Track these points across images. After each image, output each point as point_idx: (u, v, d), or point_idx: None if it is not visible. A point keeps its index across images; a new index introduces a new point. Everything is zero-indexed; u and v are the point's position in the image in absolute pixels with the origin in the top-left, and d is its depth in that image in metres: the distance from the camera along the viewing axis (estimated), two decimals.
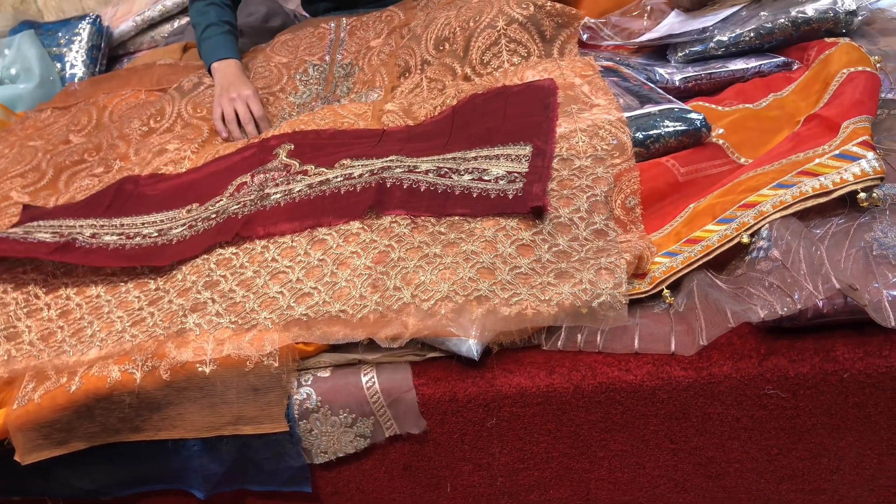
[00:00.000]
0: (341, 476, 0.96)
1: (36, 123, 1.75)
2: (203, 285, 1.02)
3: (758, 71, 1.31)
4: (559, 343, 0.88)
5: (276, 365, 0.90)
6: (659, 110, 1.13)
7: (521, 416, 0.90)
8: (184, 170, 1.39)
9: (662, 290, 0.90)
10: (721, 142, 1.11)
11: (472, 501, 0.97)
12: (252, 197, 1.15)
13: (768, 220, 0.88)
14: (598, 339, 0.87)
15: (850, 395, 0.82)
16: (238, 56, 1.62)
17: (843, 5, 1.24)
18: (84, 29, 2.08)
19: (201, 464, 0.95)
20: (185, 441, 0.94)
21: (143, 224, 1.22)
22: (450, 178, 1.06)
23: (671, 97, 1.20)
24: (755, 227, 0.89)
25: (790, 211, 0.87)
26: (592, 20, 1.49)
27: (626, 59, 1.40)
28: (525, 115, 1.17)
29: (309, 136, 1.30)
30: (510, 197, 1.01)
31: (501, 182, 1.04)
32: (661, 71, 1.32)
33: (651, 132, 1.10)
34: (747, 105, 1.21)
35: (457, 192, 1.03)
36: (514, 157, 1.09)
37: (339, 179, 1.13)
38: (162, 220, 1.22)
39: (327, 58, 1.64)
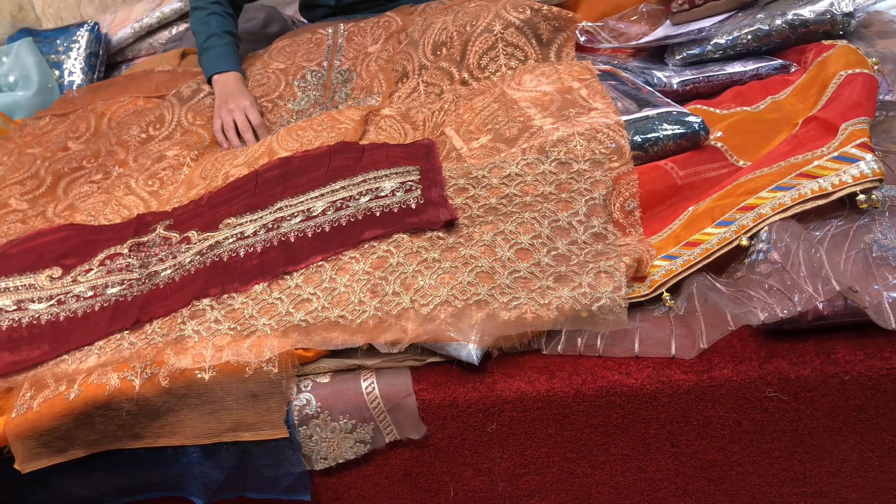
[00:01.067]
0: (342, 482, 0.96)
1: (34, 131, 1.75)
2: None
3: (755, 74, 1.31)
4: (559, 347, 0.88)
5: (276, 371, 0.89)
6: (657, 113, 1.13)
7: (522, 421, 0.89)
8: (182, 175, 1.39)
9: (662, 293, 0.89)
10: (719, 144, 1.11)
11: None
12: (136, 275, 1.09)
13: (767, 222, 0.88)
14: (598, 342, 0.87)
15: (851, 398, 0.81)
16: (238, 67, 1.63)
17: (840, 8, 1.24)
18: (82, 36, 2.08)
19: (201, 471, 0.94)
20: (184, 448, 0.94)
21: None
22: (347, 206, 1.05)
23: (669, 101, 1.20)
24: (754, 230, 0.88)
25: (789, 213, 0.87)
26: (590, 24, 1.49)
27: (623, 62, 1.40)
28: (406, 157, 1.18)
29: (189, 208, 1.24)
30: (413, 206, 1.02)
31: (399, 194, 1.05)
32: (658, 74, 1.32)
33: (649, 135, 1.10)
34: (745, 108, 1.21)
35: (360, 217, 1.03)
36: (402, 172, 1.10)
37: (231, 241, 1.08)
38: (17, 287, 1.12)
39: (325, 63, 1.64)
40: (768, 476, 0.89)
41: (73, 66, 2.05)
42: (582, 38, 1.45)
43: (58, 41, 2.10)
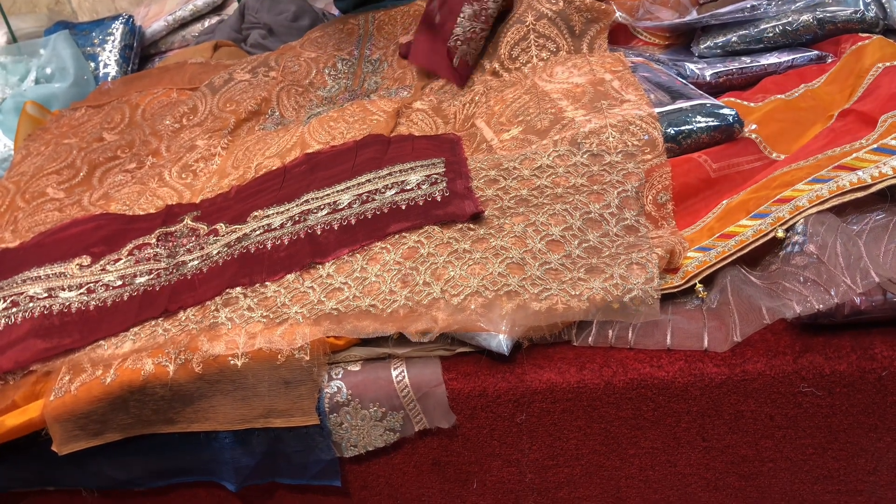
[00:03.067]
0: (370, 470, 0.97)
1: (70, 122, 1.78)
2: None
3: (791, 65, 1.30)
4: (590, 339, 0.88)
5: (307, 358, 0.90)
6: (691, 105, 1.12)
7: (551, 413, 0.89)
8: (215, 166, 1.41)
9: (695, 284, 0.89)
10: (754, 136, 1.09)
11: (500, 497, 0.97)
12: (163, 265, 1.10)
13: (804, 214, 0.86)
14: (630, 334, 0.87)
15: (888, 394, 0.80)
16: None
17: (869, 12, 1.23)
18: (117, 29, 2.11)
19: (233, 456, 0.96)
20: (217, 433, 0.95)
21: (23, 282, 1.12)
22: (373, 199, 1.06)
23: (703, 92, 1.19)
24: (791, 222, 0.87)
25: (827, 206, 0.86)
26: (622, 15, 1.48)
27: (655, 55, 1.39)
28: (433, 148, 1.18)
29: (217, 201, 1.26)
30: (438, 199, 1.02)
31: (424, 187, 1.05)
32: (691, 66, 1.31)
33: (683, 128, 1.09)
34: (779, 96, 1.20)
35: (386, 211, 1.03)
36: (427, 164, 1.10)
37: (258, 233, 1.09)
38: (48, 276, 1.13)
39: (356, 52, 1.64)
40: (801, 473, 0.88)
41: (108, 59, 2.09)
42: (620, 15, 1.45)
43: (93, 34, 2.14)
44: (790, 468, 0.88)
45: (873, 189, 0.84)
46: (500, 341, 0.87)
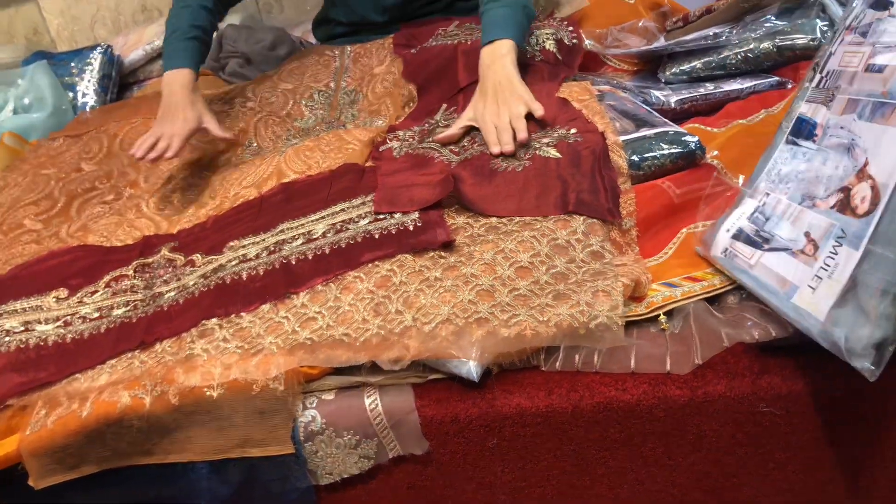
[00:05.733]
0: (346, 497, 0.98)
1: (49, 152, 1.78)
2: None
3: (753, 91, 1.34)
4: (557, 364, 0.90)
5: (282, 388, 0.92)
6: (655, 133, 1.16)
7: (522, 436, 0.91)
8: (192, 196, 1.42)
9: (659, 315, 0.91)
10: (715, 162, 1.13)
11: None
12: (140, 297, 1.11)
13: None
14: (595, 359, 0.89)
15: (841, 412, 0.83)
16: (194, 65, 1.48)
17: (826, 39, 1.28)
18: (96, 59, 2.13)
19: (210, 486, 0.97)
20: (193, 464, 0.96)
21: (0, 315, 1.13)
22: (347, 229, 1.08)
23: (667, 120, 1.23)
24: None
25: None
26: (591, 43, 1.53)
27: (621, 82, 1.43)
28: None
29: (194, 231, 1.27)
30: (411, 228, 1.05)
31: (397, 216, 1.07)
32: (656, 93, 1.35)
33: (646, 155, 1.12)
34: (741, 121, 1.24)
35: (359, 240, 1.05)
36: None
37: (234, 264, 1.10)
38: (24, 309, 1.14)
39: (332, 84, 1.67)
40: (764, 487, 0.90)
41: (87, 88, 2.10)
42: (589, 43, 1.49)
43: (72, 63, 2.15)
44: (753, 483, 0.91)
45: None
46: (471, 368, 0.89)
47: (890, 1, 0.83)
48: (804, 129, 0.91)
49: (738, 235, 0.93)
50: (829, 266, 0.78)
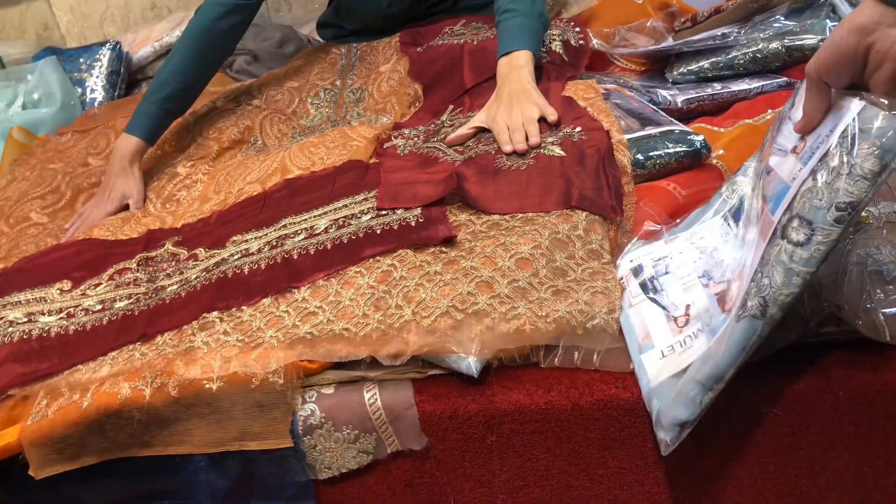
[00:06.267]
0: (344, 492, 0.98)
1: (56, 146, 1.80)
2: None
3: (760, 91, 1.33)
4: (556, 360, 0.90)
5: (281, 382, 0.92)
6: (660, 132, 1.15)
7: (521, 433, 0.91)
8: (197, 192, 1.43)
9: None
10: (719, 163, 1.12)
11: None
12: (143, 290, 1.12)
13: None
14: (595, 357, 0.89)
15: (844, 413, 0.82)
16: (149, 136, 1.52)
17: None
18: (104, 55, 2.14)
19: (208, 479, 0.97)
20: (192, 456, 0.96)
21: (4, 307, 1.14)
22: (349, 224, 1.08)
23: (673, 119, 1.22)
24: None
25: None
26: (599, 43, 1.52)
27: (628, 81, 1.42)
28: None
29: (198, 226, 1.28)
30: (413, 223, 1.04)
31: (399, 211, 1.07)
32: (663, 93, 1.34)
33: (651, 153, 1.12)
34: (747, 121, 1.23)
35: (361, 235, 1.05)
36: None
37: (236, 258, 1.10)
38: (28, 301, 1.15)
39: (338, 82, 1.67)
40: (765, 491, 0.89)
41: (95, 84, 2.11)
42: (596, 43, 1.49)
43: (81, 59, 2.17)
44: (754, 486, 0.90)
45: None
46: (470, 363, 0.89)
47: (794, 100, 0.84)
48: (740, 212, 0.92)
49: (636, 271, 0.94)
50: (684, 345, 0.82)
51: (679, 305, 0.86)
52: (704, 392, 0.76)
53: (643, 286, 0.91)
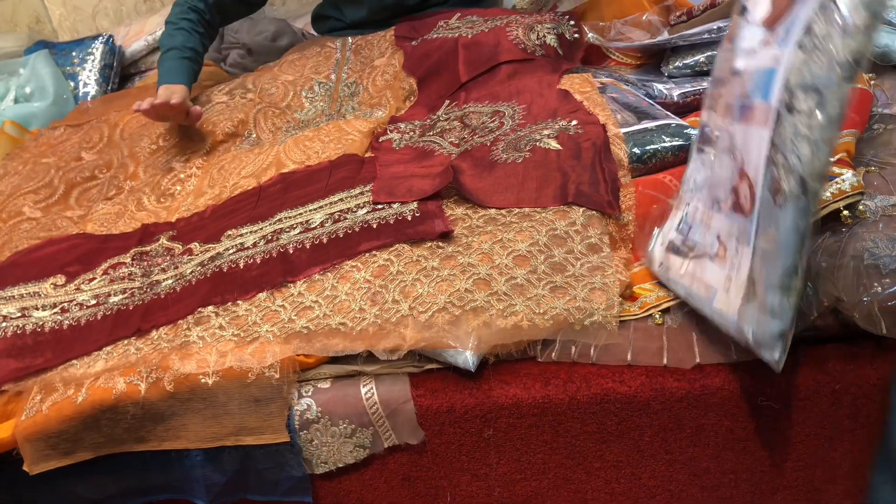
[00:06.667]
0: (341, 486, 0.98)
1: (49, 140, 1.78)
2: None
3: None
4: (553, 355, 0.90)
5: (277, 376, 0.91)
6: (656, 126, 1.15)
7: (518, 427, 0.91)
8: (191, 186, 1.42)
9: (653, 313, 0.91)
10: None
11: None
12: (137, 284, 1.11)
13: None
14: (592, 351, 0.89)
15: (841, 407, 0.83)
16: (188, 82, 1.56)
17: None
18: (97, 49, 2.13)
19: (204, 474, 0.96)
20: (188, 451, 0.96)
21: None
22: (345, 218, 1.07)
23: (669, 113, 1.22)
24: None
25: None
26: (594, 36, 1.52)
27: (623, 75, 1.42)
28: None
29: (192, 221, 1.27)
30: (409, 218, 1.04)
31: (395, 205, 1.07)
32: (659, 87, 1.34)
33: (648, 147, 1.11)
34: None
35: (357, 229, 1.04)
36: None
37: (231, 252, 1.10)
38: (22, 295, 1.15)
39: (333, 76, 1.66)
40: (762, 484, 0.90)
41: (88, 78, 2.10)
42: (592, 36, 1.48)
43: (73, 53, 2.15)
44: (751, 479, 0.90)
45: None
46: (467, 358, 0.89)
47: (744, 6, 0.83)
48: (706, 136, 0.92)
49: (671, 247, 0.93)
50: (734, 265, 0.80)
51: (713, 243, 0.85)
52: (786, 294, 0.74)
53: (681, 253, 0.90)
